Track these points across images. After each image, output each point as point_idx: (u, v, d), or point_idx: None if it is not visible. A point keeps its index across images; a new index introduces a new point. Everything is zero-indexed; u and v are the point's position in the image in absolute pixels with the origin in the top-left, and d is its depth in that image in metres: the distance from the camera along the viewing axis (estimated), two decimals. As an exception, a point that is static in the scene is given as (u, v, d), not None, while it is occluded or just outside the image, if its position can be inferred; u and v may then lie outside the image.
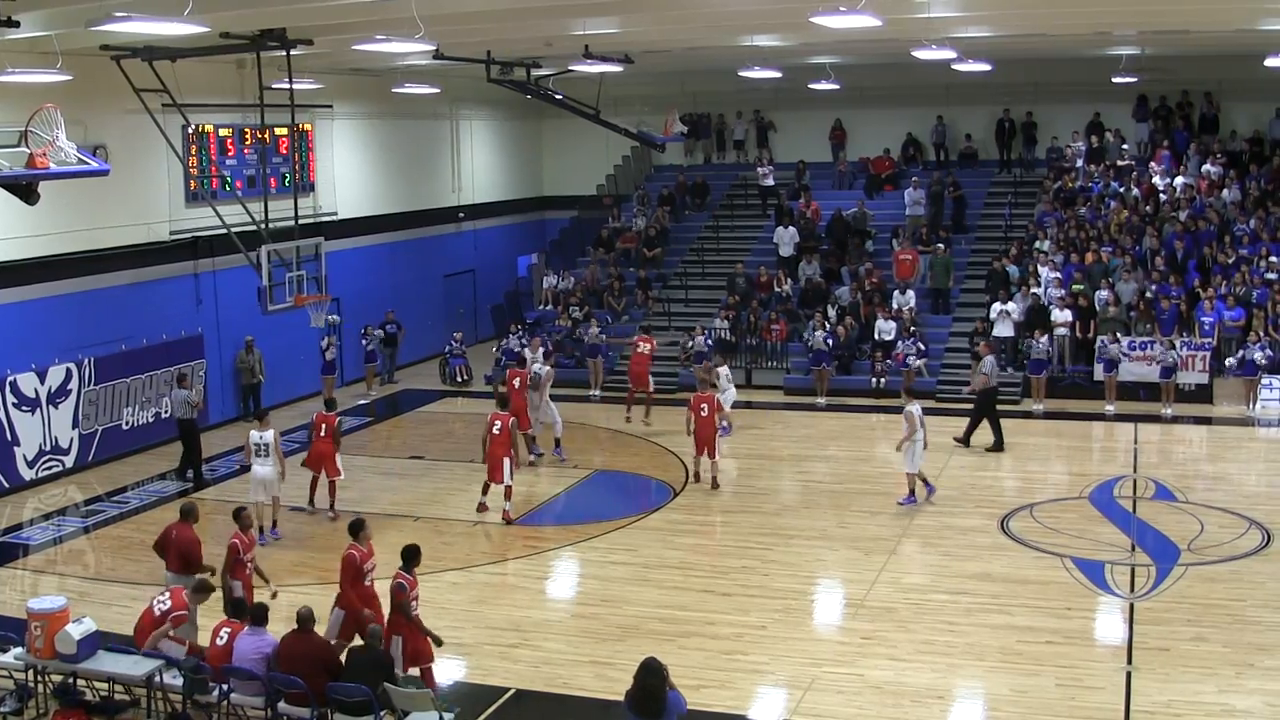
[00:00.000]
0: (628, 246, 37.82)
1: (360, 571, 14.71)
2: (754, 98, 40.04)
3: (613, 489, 24.08)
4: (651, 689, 10.90)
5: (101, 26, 16.67)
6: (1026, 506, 21.65)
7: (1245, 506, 21.25)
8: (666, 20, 23.45)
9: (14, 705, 14.03)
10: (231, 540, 15.48)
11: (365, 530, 15.05)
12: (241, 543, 15.48)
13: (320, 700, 12.79)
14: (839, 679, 14.91)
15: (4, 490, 23.69)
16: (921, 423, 21.78)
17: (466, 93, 36.58)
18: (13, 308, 23.92)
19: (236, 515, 15.99)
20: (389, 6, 18.86)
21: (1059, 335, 29.96)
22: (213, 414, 28.64)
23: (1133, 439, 26.57)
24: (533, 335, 32.00)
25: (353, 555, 14.69)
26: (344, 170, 33.39)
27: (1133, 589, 17.61)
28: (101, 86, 23.89)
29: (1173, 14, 22.93)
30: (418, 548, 14.39)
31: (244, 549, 15.47)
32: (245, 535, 15.67)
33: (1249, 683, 14.47)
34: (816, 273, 34.25)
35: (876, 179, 38.40)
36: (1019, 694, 14.34)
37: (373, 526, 21.09)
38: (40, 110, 14.48)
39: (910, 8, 20.24)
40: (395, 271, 35.20)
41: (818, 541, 20.37)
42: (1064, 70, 35.02)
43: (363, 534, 14.95)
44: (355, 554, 14.70)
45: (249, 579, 15.50)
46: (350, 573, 14.66)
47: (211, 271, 28.40)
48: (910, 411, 21.82)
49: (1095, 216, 33.93)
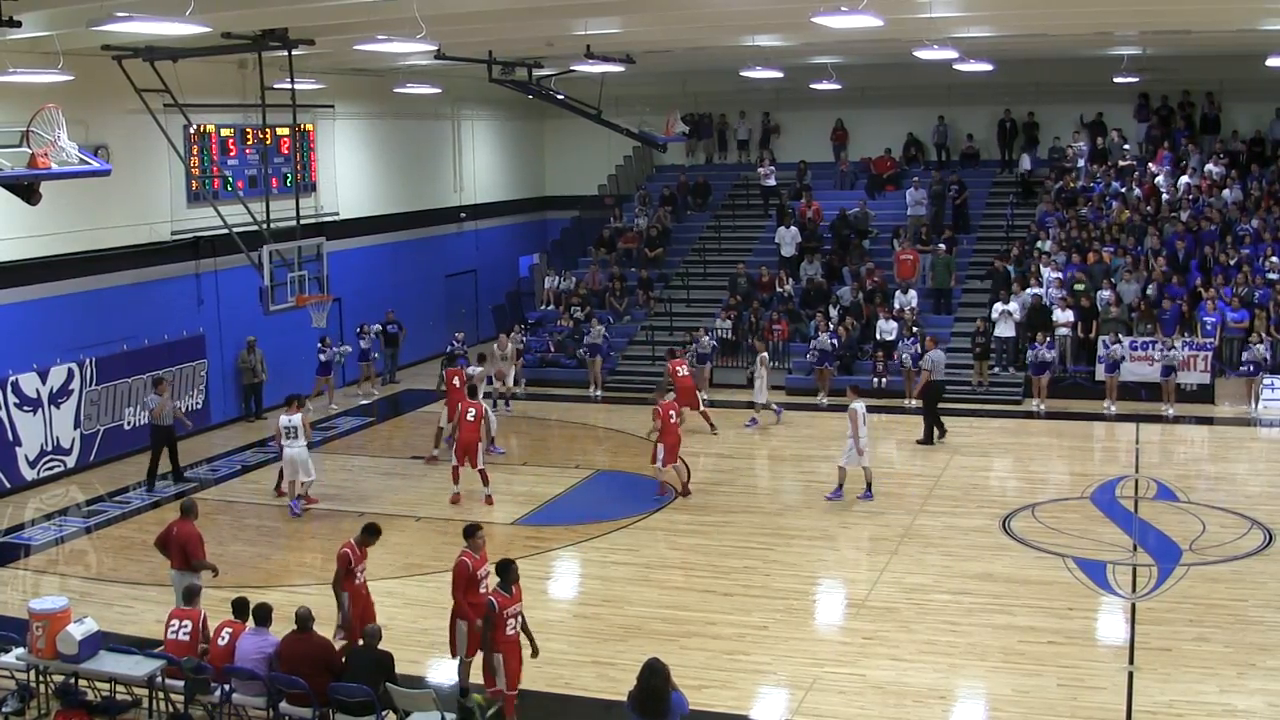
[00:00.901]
0: (629, 246, 37.83)
1: (473, 579, 14.08)
2: (756, 98, 40.05)
3: (614, 489, 24.05)
4: (654, 689, 10.89)
5: (103, 26, 16.66)
6: (1028, 506, 21.64)
7: (1247, 506, 21.24)
8: (668, 20, 23.45)
9: (15, 705, 14.03)
10: (342, 550, 14.76)
11: (479, 535, 14.41)
12: (354, 553, 14.69)
13: (322, 700, 12.79)
14: (841, 679, 14.91)
15: (6, 490, 23.69)
16: (864, 420, 22.16)
17: (468, 93, 36.58)
18: (14, 308, 23.92)
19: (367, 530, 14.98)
20: (391, 6, 18.85)
21: (1060, 335, 29.96)
22: (214, 414, 28.67)
23: (1134, 439, 26.57)
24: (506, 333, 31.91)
25: (464, 563, 14.11)
26: (345, 170, 33.40)
27: (1134, 589, 17.60)
28: (103, 87, 23.90)
29: (1174, 14, 22.92)
30: (512, 562, 13.61)
31: (355, 560, 14.69)
32: (359, 549, 14.76)
33: (1251, 683, 14.47)
34: (818, 273, 34.25)
35: (878, 179, 38.39)
36: (1021, 694, 14.34)
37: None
38: (42, 110, 14.50)
39: (911, 8, 20.23)
40: (397, 272, 35.20)
41: (819, 541, 20.38)
42: (1065, 70, 35.01)
43: (475, 539, 14.33)
44: (467, 561, 14.11)
45: (359, 590, 14.81)
46: (462, 581, 14.10)
47: (213, 271, 28.40)
48: (853, 409, 22.14)
49: (1097, 216, 33.93)
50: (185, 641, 13.62)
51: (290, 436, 22.10)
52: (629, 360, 33.70)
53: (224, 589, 15.86)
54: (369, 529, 14.90)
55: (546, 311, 36.33)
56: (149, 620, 16.72)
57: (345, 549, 14.66)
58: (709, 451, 26.39)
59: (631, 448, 26.64)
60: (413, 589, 18.44)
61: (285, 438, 22.14)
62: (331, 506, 22.72)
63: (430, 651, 15.99)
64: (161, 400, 23.85)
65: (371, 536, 14.90)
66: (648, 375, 32.48)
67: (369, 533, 14.90)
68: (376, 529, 14.98)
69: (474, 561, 14.16)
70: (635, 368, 33.31)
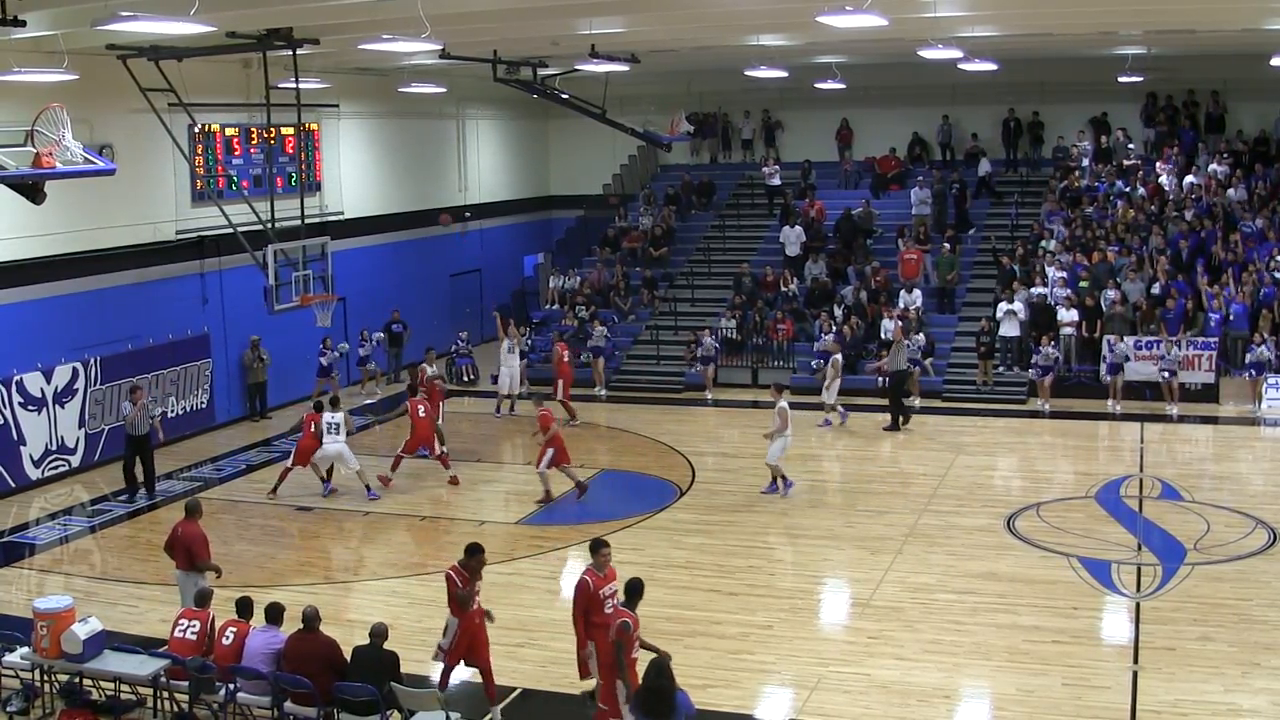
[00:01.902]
0: (634, 246, 37.83)
1: (595, 599, 13.27)
2: (760, 97, 40.05)
3: (619, 489, 24.07)
4: (660, 689, 10.90)
5: (107, 26, 16.69)
6: (1033, 506, 21.62)
7: (1251, 506, 21.22)
8: (673, 20, 23.45)
9: (20, 705, 14.05)
10: (583, 576, 13.59)
11: (604, 551, 13.61)
12: (459, 575, 13.62)
13: (326, 700, 12.79)
14: (845, 678, 14.91)
15: (10, 490, 23.71)
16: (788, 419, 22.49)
17: (473, 92, 36.59)
18: (19, 307, 23.94)
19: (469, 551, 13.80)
20: (395, 6, 18.85)
21: (1065, 335, 29.95)
22: (219, 413, 28.69)
23: (1139, 438, 26.54)
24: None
25: (585, 581, 13.36)
26: (350, 170, 33.41)
27: (1139, 588, 17.58)
28: (107, 86, 23.92)
29: (1178, 14, 22.91)
30: (641, 582, 12.99)
31: (462, 583, 13.58)
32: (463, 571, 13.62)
33: (1255, 682, 14.45)
34: (822, 272, 34.25)
35: (882, 178, 38.38)
36: (1025, 693, 14.33)
37: (378, 525, 21.40)
38: (46, 109, 14.49)
39: (916, 7, 20.24)
40: (401, 271, 35.20)
41: (824, 541, 20.37)
42: (1070, 69, 34.98)
43: (600, 554, 13.57)
44: (589, 579, 13.36)
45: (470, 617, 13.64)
46: (582, 601, 13.35)
47: (218, 271, 28.42)
48: (782, 407, 22.43)
49: (1102, 216, 33.91)
50: (192, 641, 13.63)
51: (332, 432, 23.09)
52: (633, 360, 33.69)
53: (229, 588, 15.86)
54: (470, 550, 13.83)
55: (551, 311, 36.33)
56: (153, 620, 16.74)
57: (450, 571, 13.77)
58: (714, 451, 26.44)
59: (637, 447, 26.66)
60: (418, 588, 18.44)
61: (329, 432, 23.10)
62: (336, 506, 22.75)
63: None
64: (135, 409, 23.11)
65: (471, 557, 13.75)
66: (653, 375, 32.57)
67: (470, 553, 13.79)
68: (478, 549, 13.84)
69: (596, 580, 13.38)
70: (640, 367, 33.30)
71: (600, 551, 13.58)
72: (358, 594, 18.55)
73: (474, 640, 13.75)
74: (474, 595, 13.60)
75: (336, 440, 23.19)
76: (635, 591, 12.79)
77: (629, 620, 12.48)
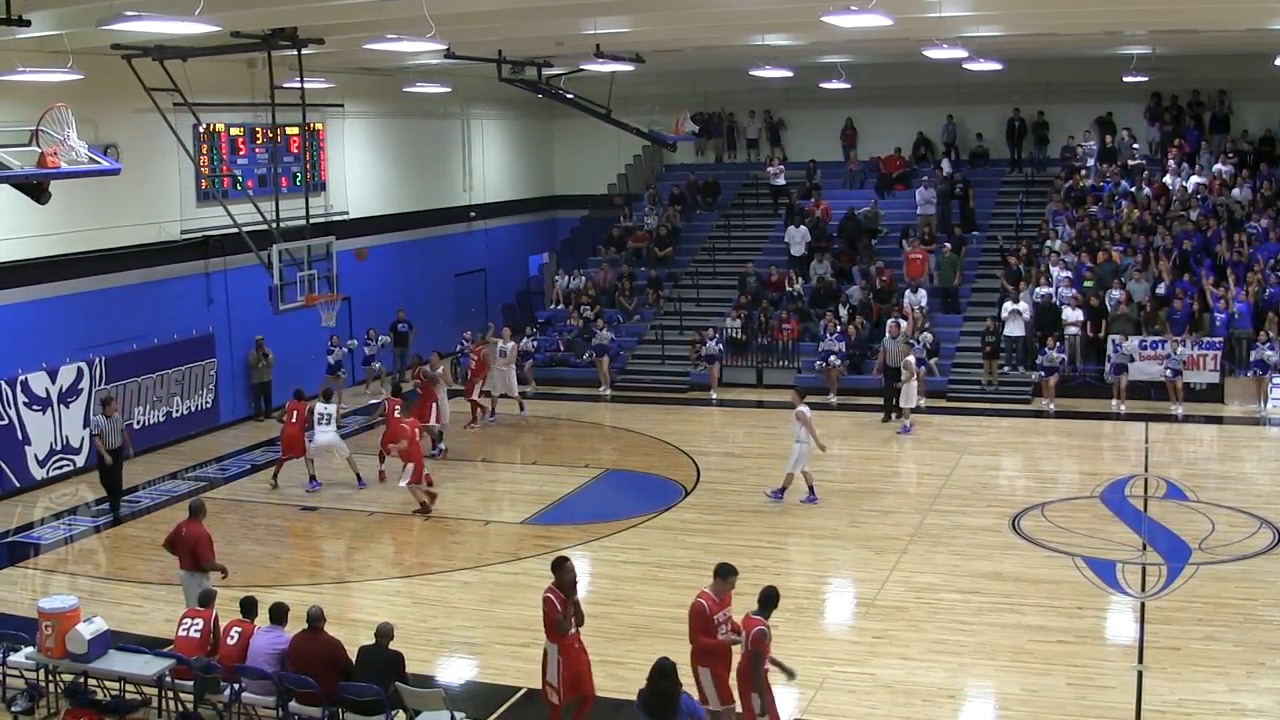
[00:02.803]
0: (639, 246, 37.85)
1: (709, 623, 12.56)
2: (765, 97, 40.03)
3: (624, 488, 24.08)
4: (664, 691, 10.88)
5: (112, 26, 16.69)
6: (1038, 505, 21.61)
7: (1256, 505, 21.19)
8: (677, 20, 23.45)
9: (25, 705, 14.05)
10: (699, 600, 12.76)
11: (731, 579, 12.83)
12: (710, 603, 12.69)
13: (331, 700, 12.79)
14: (850, 678, 14.91)
15: (15, 489, 23.74)
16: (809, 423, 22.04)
17: (478, 92, 36.59)
18: (24, 307, 23.97)
19: (722, 571, 12.94)
20: (400, 6, 18.84)
21: (1070, 335, 29.92)
22: (224, 413, 28.71)
23: (1144, 438, 26.51)
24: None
25: (701, 604, 12.62)
26: (355, 169, 33.42)
27: (1144, 588, 17.57)
28: (112, 86, 23.93)
29: (1182, 14, 22.90)
30: (776, 592, 12.61)
31: (713, 610, 12.66)
32: (716, 598, 12.76)
33: (1260, 682, 14.44)
34: (827, 272, 34.24)
35: (886, 178, 38.36)
36: (1030, 693, 14.32)
37: (383, 525, 21.40)
38: (51, 109, 14.50)
39: (921, 7, 20.23)
40: (406, 271, 35.21)
41: (829, 540, 20.36)
42: (1075, 69, 34.98)
43: (727, 580, 12.83)
44: (704, 603, 12.63)
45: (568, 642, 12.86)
46: (698, 623, 12.60)
47: (222, 271, 28.43)
48: (800, 411, 22.11)
49: (1107, 215, 33.88)
50: (196, 639, 13.65)
51: (324, 423, 23.69)
52: (638, 360, 33.69)
53: (233, 588, 15.89)
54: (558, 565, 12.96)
55: (556, 311, 36.34)
56: (158, 619, 16.75)
57: (548, 594, 12.80)
58: (718, 451, 26.43)
59: (642, 447, 26.67)
60: (422, 588, 18.46)
61: (319, 423, 23.69)
62: (341, 506, 22.76)
63: (440, 651, 16.01)
64: (109, 422, 22.20)
65: (562, 574, 12.83)
66: (658, 375, 32.56)
67: (559, 569, 12.87)
68: (565, 563, 12.94)
69: (712, 605, 12.63)
70: (645, 367, 33.30)
71: (728, 578, 12.77)
72: (362, 594, 18.55)
73: (579, 667, 12.94)
74: (571, 617, 12.77)
75: (327, 431, 23.74)
76: (770, 602, 12.39)
77: (765, 628, 12.12)
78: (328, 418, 23.82)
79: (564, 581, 12.74)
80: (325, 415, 23.83)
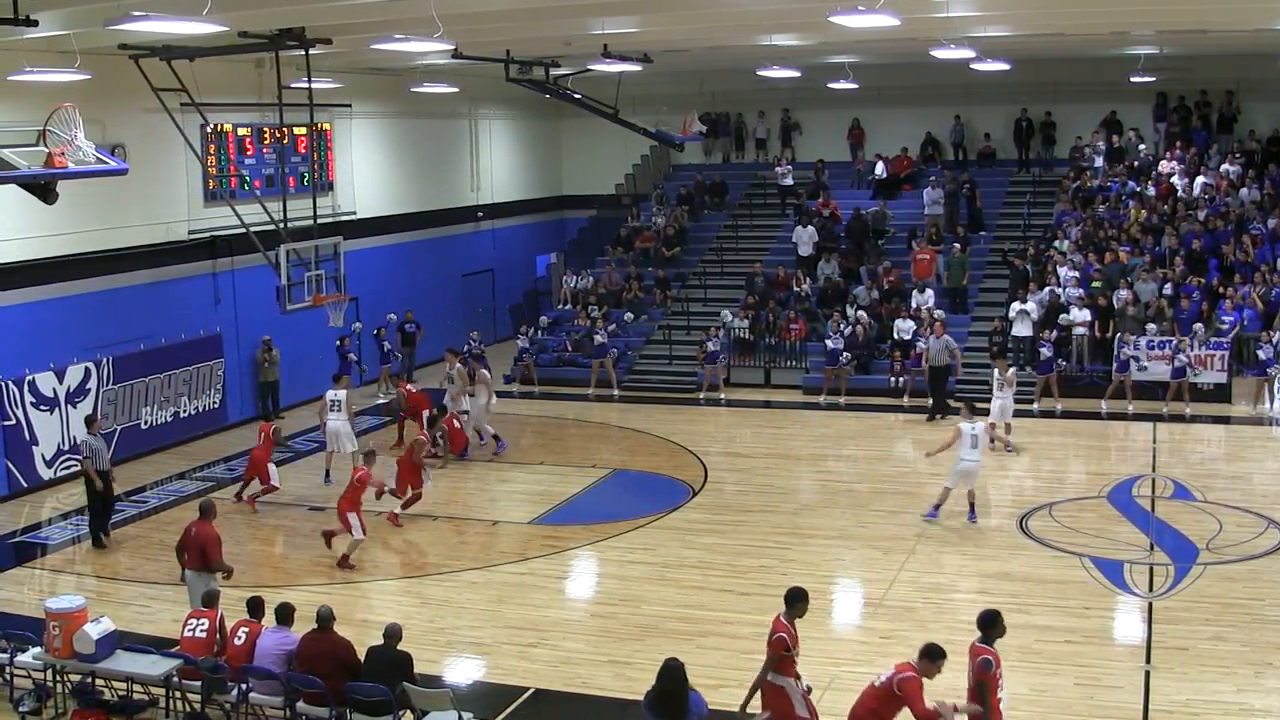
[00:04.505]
0: (646, 246, 37.82)
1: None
2: (773, 97, 40.06)
3: (631, 488, 24.07)
4: (671, 692, 10.88)
5: (120, 26, 16.70)
6: (1045, 506, 21.60)
7: (1263, 505, 21.15)
8: (685, 20, 23.46)
9: (32, 705, 14.07)
10: (778, 634, 12.06)
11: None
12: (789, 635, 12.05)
13: (339, 700, 12.80)
14: (858, 678, 14.77)
15: (23, 489, 23.76)
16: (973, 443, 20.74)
17: (485, 92, 36.59)
18: (32, 307, 23.98)
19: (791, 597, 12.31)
20: (408, 6, 18.89)
21: (1077, 335, 29.87)
22: (231, 413, 28.72)
23: (1151, 438, 26.47)
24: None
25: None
26: (363, 169, 33.44)
27: (1151, 588, 17.55)
28: (120, 86, 23.97)
29: (1190, 14, 22.87)
30: (998, 614, 12.03)
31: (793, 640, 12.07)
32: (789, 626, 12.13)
33: (1268, 682, 14.43)
34: (835, 272, 34.22)
35: (894, 178, 38.32)
36: (1038, 693, 14.31)
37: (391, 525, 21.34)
38: (58, 109, 14.53)
39: (929, 7, 20.22)
40: (414, 271, 35.23)
41: (836, 541, 20.34)
42: (1082, 69, 34.97)
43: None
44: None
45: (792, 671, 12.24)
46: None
47: (230, 271, 28.46)
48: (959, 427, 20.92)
49: (1114, 216, 33.84)
50: (202, 639, 13.66)
51: (334, 410, 23.87)
52: (646, 360, 33.67)
53: (241, 588, 15.89)
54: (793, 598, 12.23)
55: (564, 311, 36.33)
56: (165, 620, 16.74)
57: (779, 631, 12.09)
58: (724, 451, 26.41)
59: (648, 447, 26.65)
60: (430, 588, 18.46)
61: (330, 410, 23.91)
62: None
63: (447, 651, 16.01)
64: (96, 442, 20.95)
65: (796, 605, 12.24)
66: (665, 375, 32.53)
67: (793, 602, 12.24)
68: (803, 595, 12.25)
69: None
70: (652, 367, 33.29)
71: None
72: (371, 594, 18.55)
73: (810, 707, 12.31)
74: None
75: (338, 417, 23.93)
76: (991, 623, 11.76)
77: (990, 657, 11.54)
78: (339, 404, 23.93)
79: (797, 612, 12.20)
80: (336, 401, 23.96)
